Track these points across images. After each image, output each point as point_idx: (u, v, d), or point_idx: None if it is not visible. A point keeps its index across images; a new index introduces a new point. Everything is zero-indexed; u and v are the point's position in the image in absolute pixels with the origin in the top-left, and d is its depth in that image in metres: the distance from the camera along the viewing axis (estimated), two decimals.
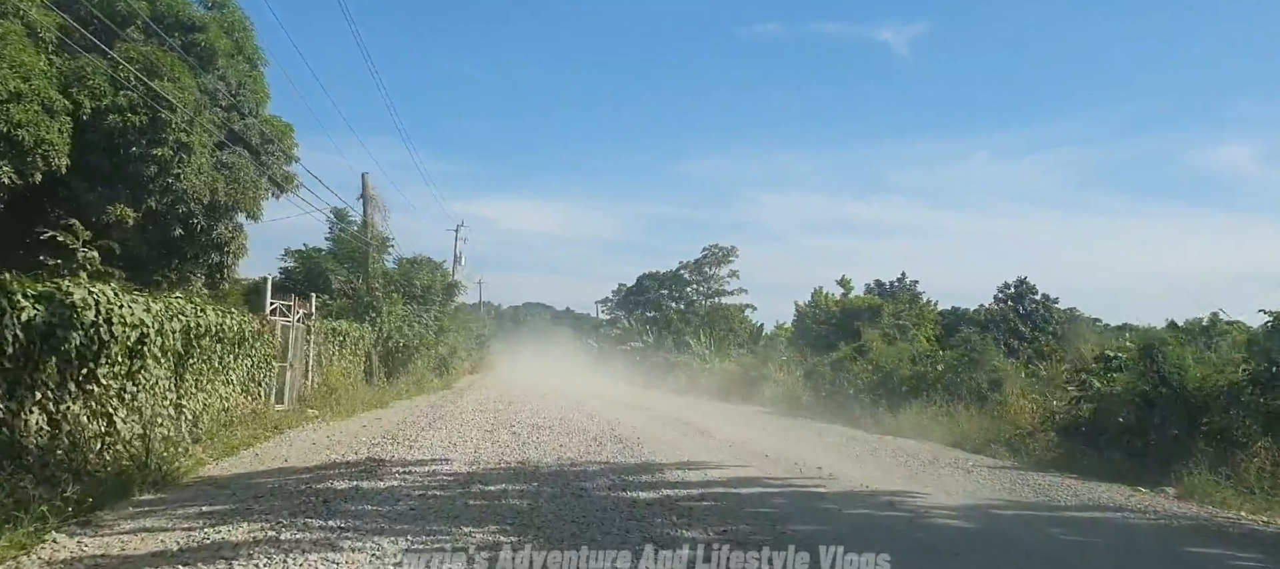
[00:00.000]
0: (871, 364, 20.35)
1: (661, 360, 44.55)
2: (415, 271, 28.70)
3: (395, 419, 16.72)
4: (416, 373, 27.76)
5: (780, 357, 30.67)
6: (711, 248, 62.73)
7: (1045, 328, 72.28)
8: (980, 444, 13.91)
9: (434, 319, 28.93)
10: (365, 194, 23.97)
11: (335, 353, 20.20)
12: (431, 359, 30.17)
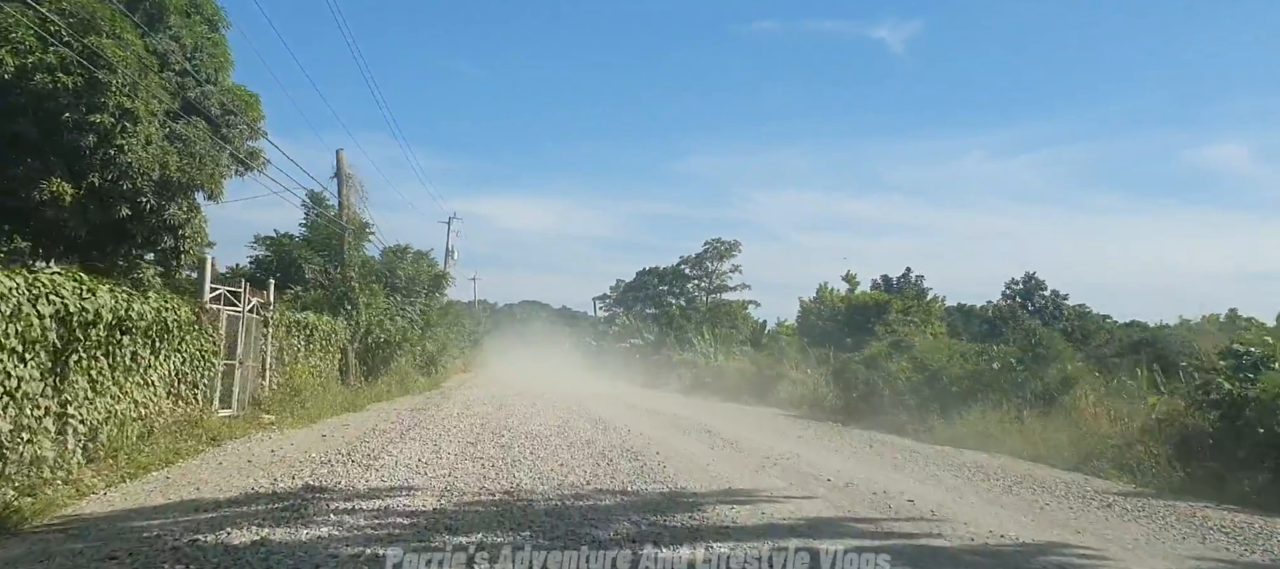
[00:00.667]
0: (912, 361, 17.66)
1: (663, 359, 41.87)
2: (399, 261, 25.96)
3: (364, 426, 14.03)
4: (400, 372, 25.05)
5: (792, 354, 27.95)
6: (713, 242, 60.12)
7: (1056, 324, 70.04)
8: (1073, 459, 11.24)
9: (420, 313, 26.20)
10: (339, 173, 21.23)
11: (301, 349, 17.48)
12: (417, 357, 27.45)
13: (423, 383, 27.47)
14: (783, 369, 25.49)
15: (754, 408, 22.63)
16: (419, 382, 26.99)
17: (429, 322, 28.02)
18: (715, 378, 31.59)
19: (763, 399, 24.77)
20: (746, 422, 17.06)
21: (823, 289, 61.40)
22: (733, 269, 60.06)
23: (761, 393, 25.24)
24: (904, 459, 11.29)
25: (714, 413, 19.34)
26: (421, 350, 29.89)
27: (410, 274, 25.78)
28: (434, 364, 30.78)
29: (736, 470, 9.28)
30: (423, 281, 26.76)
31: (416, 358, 29.02)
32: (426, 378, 29.92)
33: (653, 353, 47.68)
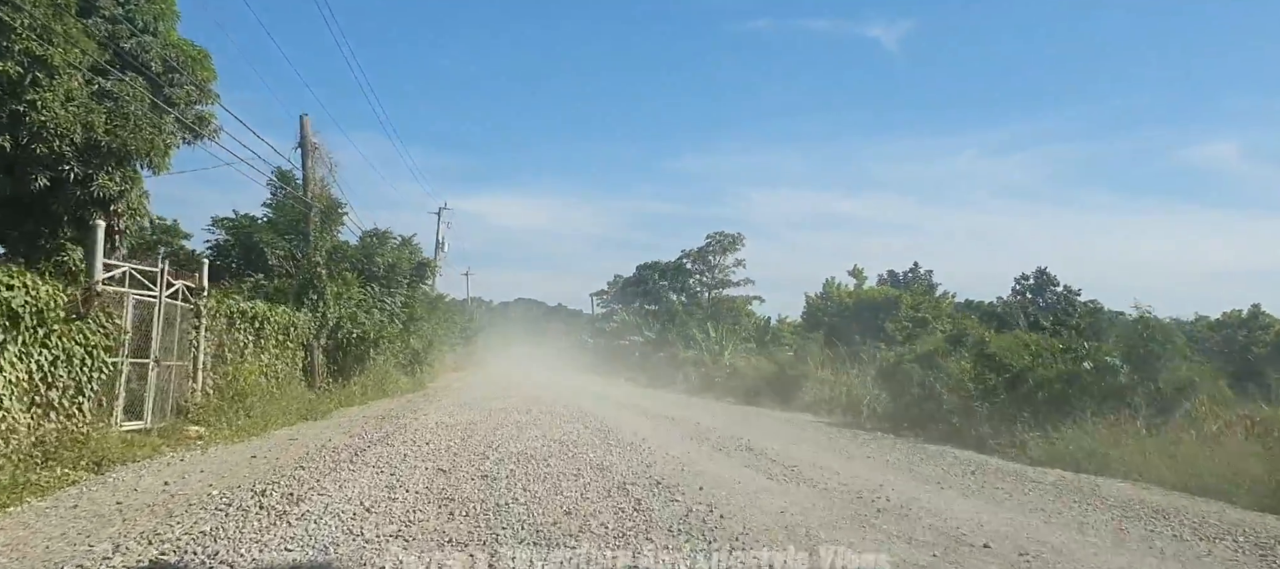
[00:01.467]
0: (982, 360, 14.61)
1: (668, 356, 38.79)
2: (377, 247, 22.79)
3: (313, 443, 10.95)
4: (378, 371, 21.92)
5: (815, 353, 24.86)
6: (716, 236, 56.95)
7: (1068, 321, 67.20)
8: (1257, 495, 8.16)
9: (402, 306, 23.06)
10: (303, 142, 18.05)
11: (248, 345, 14.34)
12: (398, 354, 24.31)
13: (404, 384, 24.35)
14: (806, 369, 22.44)
15: (781, 413, 19.57)
16: (400, 382, 23.87)
17: (413, 315, 24.87)
18: (727, 378, 28.52)
19: (786, 403, 21.71)
20: (785, 434, 13.98)
21: (829, 284, 58.46)
22: (736, 263, 57.00)
23: (784, 396, 22.18)
24: (1034, 494, 8.22)
25: (741, 421, 16.28)
26: (404, 347, 26.79)
27: (390, 262, 22.64)
28: (419, 362, 27.64)
29: (830, 522, 6.21)
30: (404, 271, 23.63)
31: (399, 356, 25.89)
32: (410, 378, 26.79)
33: (655, 351, 44.60)
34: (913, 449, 12.30)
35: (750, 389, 24.38)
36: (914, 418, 15.39)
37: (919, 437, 14.12)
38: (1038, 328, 65.61)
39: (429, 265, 26.03)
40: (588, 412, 17.43)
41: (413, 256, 25.30)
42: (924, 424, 14.85)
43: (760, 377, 24.45)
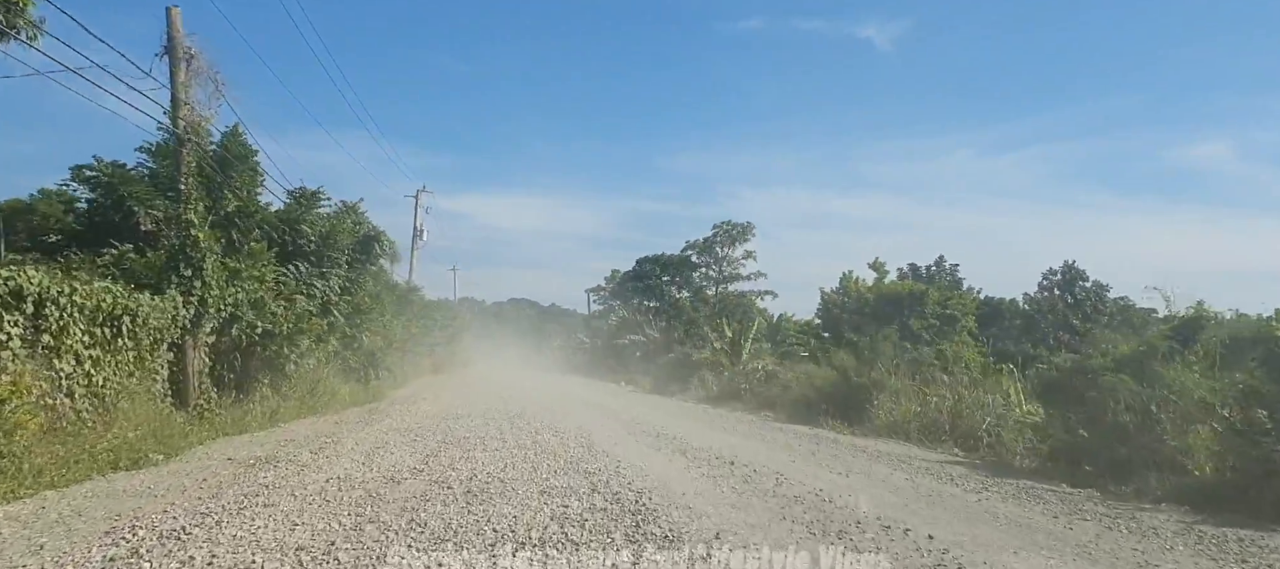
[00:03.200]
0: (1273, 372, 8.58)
1: (678, 359, 32.76)
2: (302, 212, 16.55)
3: None
4: (305, 379, 15.88)
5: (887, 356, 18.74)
6: (723, 226, 50.81)
7: (1098, 318, 61.42)
8: None
9: (340, 292, 16.97)
10: (171, 45, 11.89)
11: (15, 343, 8.26)
12: (336, 356, 18.23)
13: (349, 395, 18.27)
14: (878, 376, 16.37)
15: (864, 442, 13.53)
16: (340, 393, 17.78)
17: (359, 306, 18.78)
18: (758, 386, 22.47)
19: (854, 422, 15.73)
20: (937, 503, 7.93)
21: (847, 278, 52.56)
22: (746, 255, 50.88)
23: (849, 412, 16.18)
24: None
25: (837, 465, 10.21)
26: (349, 348, 20.70)
27: (323, 233, 16.49)
28: (374, 367, 21.50)
29: None
30: (344, 245, 17.46)
31: (345, 359, 19.80)
32: (361, 386, 20.71)
33: (661, 352, 38.58)
34: (1191, 533, 6.33)
35: (797, 402, 18.34)
36: (1094, 457, 9.41)
37: (1140, 497, 8.19)
38: (1069, 327, 59.86)
39: (379, 240, 19.80)
40: (592, 441, 11.45)
41: (357, 227, 19.14)
42: (1123, 473, 8.88)
43: (811, 385, 18.38)
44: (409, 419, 14.81)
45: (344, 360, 20.44)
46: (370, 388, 21.20)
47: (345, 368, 20.48)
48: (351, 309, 18.32)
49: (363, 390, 20.59)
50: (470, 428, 13.20)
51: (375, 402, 19.68)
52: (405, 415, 15.63)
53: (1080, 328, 58.60)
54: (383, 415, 15.66)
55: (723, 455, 10.30)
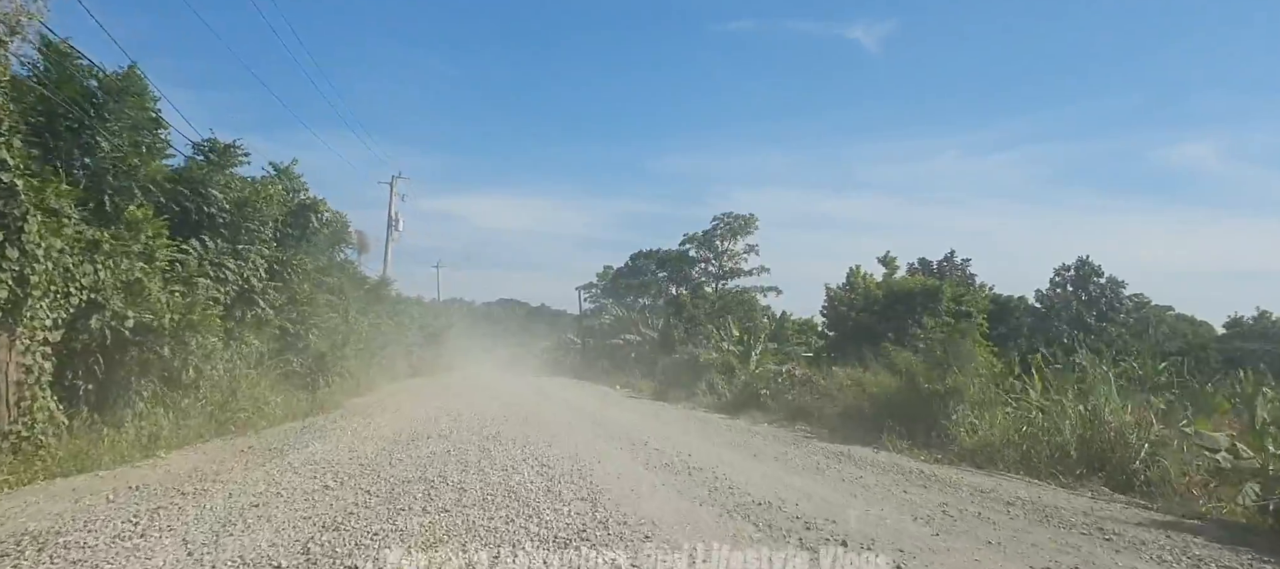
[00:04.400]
0: None
1: (682, 361, 28.89)
2: (210, 172, 12.30)
3: None
4: (219, 387, 11.95)
5: (982, 358, 14.91)
6: (724, 218, 46.92)
7: (1114, 317, 58.04)
8: None
9: (265, 275, 13.02)
10: None
11: None
12: (273, 357, 14.27)
13: (281, 407, 14.27)
14: (957, 381, 12.55)
15: (975, 479, 9.70)
16: (271, 405, 13.79)
17: (296, 296, 14.84)
18: (782, 391, 18.68)
19: (925, 443, 11.96)
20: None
21: (855, 273, 48.74)
22: (748, 249, 47.01)
23: (913, 428, 12.42)
24: None
25: (1001, 532, 6.42)
26: (304, 348, 16.84)
27: (239, 200, 12.47)
28: (324, 372, 17.51)
29: None
30: (269, 216, 13.37)
31: (284, 360, 15.88)
32: (307, 394, 16.75)
33: (660, 352, 34.75)
34: None
35: (843, 414, 14.52)
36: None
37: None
38: (1083, 324, 56.41)
39: (316, 209, 15.62)
40: (596, 488, 7.56)
41: (291, 195, 15.06)
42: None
43: (863, 392, 14.52)
44: (347, 443, 10.89)
45: (285, 363, 16.51)
46: (318, 397, 17.23)
47: (287, 373, 16.53)
48: (286, 299, 14.37)
49: (308, 400, 16.61)
50: (423, 459, 9.32)
51: (320, 415, 15.75)
52: (346, 437, 11.71)
53: (1094, 326, 55.39)
54: (317, 436, 11.74)
55: (808, 514, 6.48)
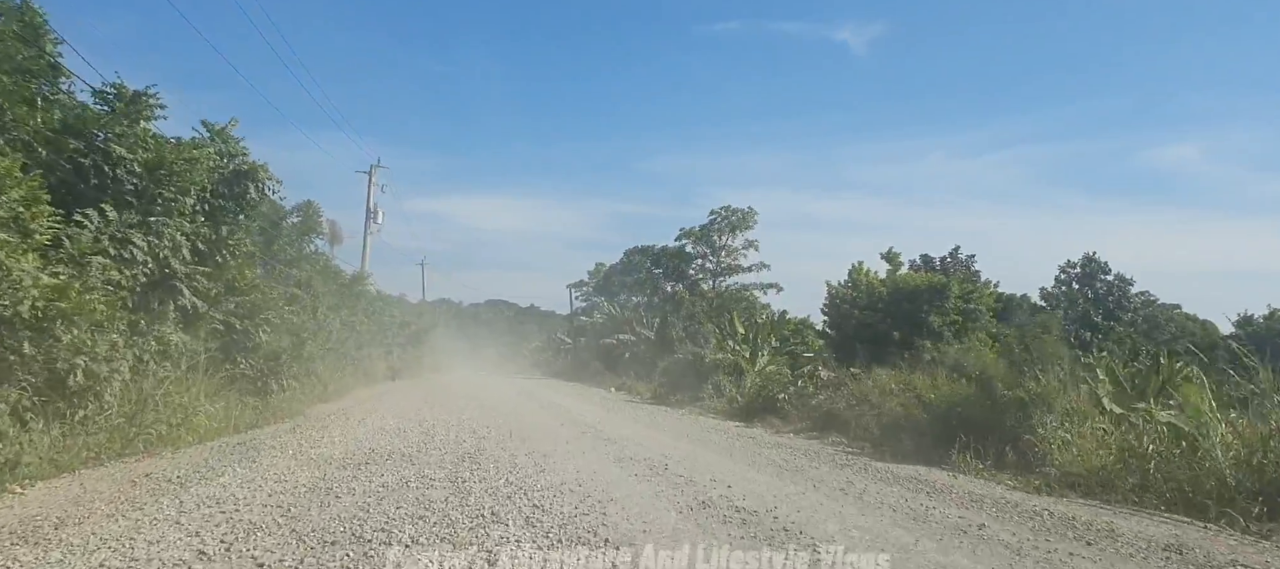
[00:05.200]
0: None
1: (686, 361, 26.34)
2: (113, 124, 9.63)
3: None
4: (128, 397, 9.38)
5: (1064, 358, 12.50)
6: (722, 212, 44.43)
7: (1121, 315, 56.10)
8: None
9: (188, 257, 10.42)
10: None
11: None
12: (210, 358, 11.67)
13: (218, 418, 11.69)
14: (1044, 388, 10.10)
15: (1095, 515, 7.29)
16: (200, 416, 11.19)
17: (238, 285, 12.26)
18: (804, 395, 16.25)
19: (1004, 465, 9.55)
20: None
21: (857, 270, 46.46)
22: (747, 245, 44.51)
23: (984, 443, 9.99)
24: None
25: None
26: (253, 347, 14.32)
27: (150, 163, 9.77)
28: (278, 375, 14.91)
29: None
30: (194, 183, 10.68)
31: (230, 360, 13.31)
32: (258, 401, 14.19)
33: (658, 352, 32.24)
34: None
35: (894, 425, 12.03)
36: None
37: None
38: (1090, 323, 54.33)
39: (255, 176, 12.92)
40: None
41: (227, 159, 12.40)
42: None
43: (917, 399, 12.04)
44: (279, 469, 8.32)
45: (232, 365, 13.91)
46: (271, 404, 14.64)
47: (233, 377, 13.93)
48: (223, 288, 11.79)
49: (259, 408, 14.02)
50: (370, 497, 6.79)
51: (269, 425, 13.17)
52: (283, 459, 9.13)
53: (1102, 324, 53.30)
54: (247, 457, 9.16)
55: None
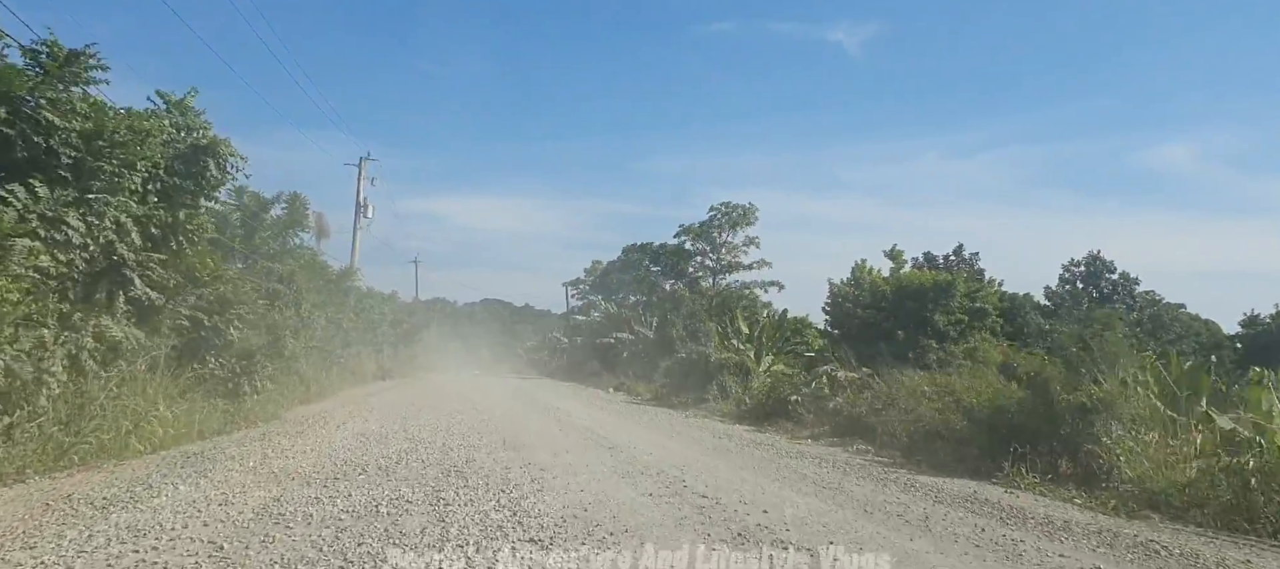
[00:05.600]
0: None
1: (689, 361, 25.05)
2: (43, 86, 8.32)
3: None
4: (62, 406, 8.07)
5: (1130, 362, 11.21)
6: (722, 208, 43.15)
7: (1127, 315, 54.91)
8: None
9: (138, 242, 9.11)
10: None
11: None
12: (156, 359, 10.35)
13: (172, 426, 10.36)
14: (1106, 392, 8.86)
15: (1215, 550, 6.04)
16: (156, 422, 9.87)
17: (198, 276, 10.95)
18: (828, 400, 15.01)
19: (1063, 479, 8.32)
20: None
21: (860, 268, 45.27)
22: (747, 242, 43.23)
23: (1037, 454, 8.75)
24: None
25: None
26: (225, 345, 13.05)
27: (89, 131, 8.41)
28: (251, 375, 13.58)
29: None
30: (143, 157, 9.32)
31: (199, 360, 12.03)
32: (230, 404, 12.89)
33: (658, 353, 30.97)
34: None
35: (935, 433, 10.75)
36: None
37: None
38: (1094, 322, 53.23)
39: (216, 151, 11.44)
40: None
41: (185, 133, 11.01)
42: None
43: (956, 404, 10.78)
44: (228, 488, 7.03)
45: (201, 365, 12.60)
46: (243, 407, 13.31)
47: (202, 377, 12.61)
48: (182, 277, 10.49)
49: (229, 411, 12.70)
50: (329, 527, 5.49)
51: (238, 431, 11.88)
52: (237, 474, 7.84)
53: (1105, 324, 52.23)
54: (199, 471, 7.86)
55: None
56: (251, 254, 21.20)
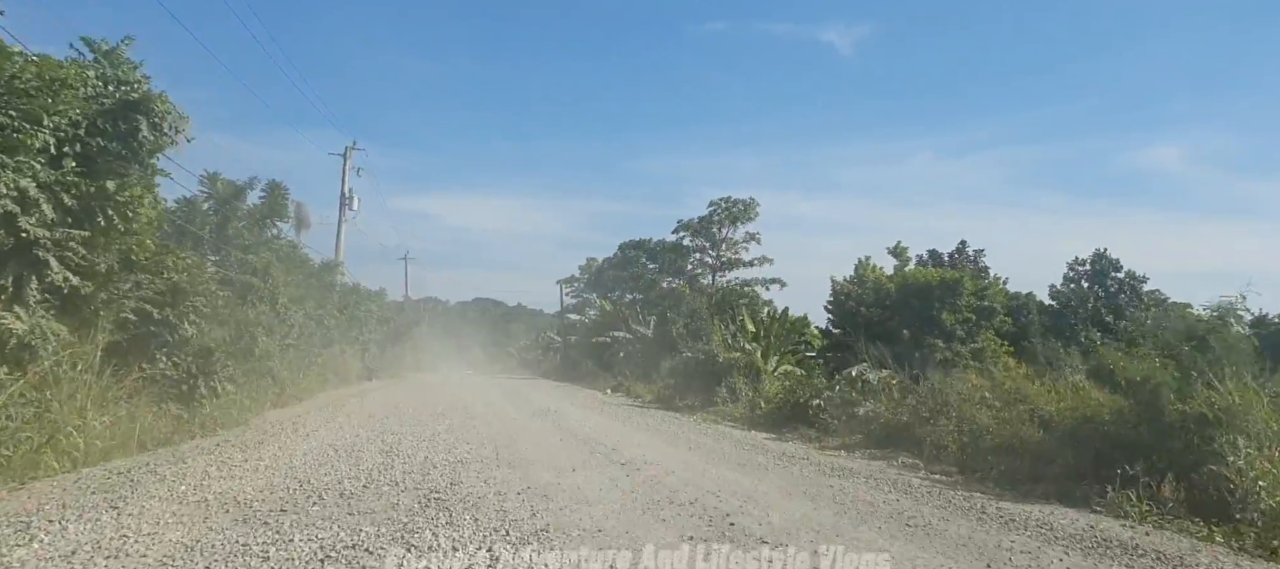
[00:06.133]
0: None
1: (695, 361, 23.32)
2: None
3: None
4: None
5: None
6: (722, 203, 41.48)
7: (1133, 315, 53.46)
8: None
9: (54, 215, 7.41)
10: None
11: None
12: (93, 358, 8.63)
13: (116, 436, 8.64)
14: (1227, 403, 7.29)
15: None
16: (79, 434, 8.15)
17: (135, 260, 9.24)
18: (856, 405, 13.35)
19: (1171, 511, 6.73)
20: None
21: (863, 266, 43.75)
22: (748, 238, 41.59)
23: (1130, 477, 7.13)
24: None
25: None
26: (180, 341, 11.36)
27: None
28: (210, 375, 11.84)
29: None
30: (50, 108, 7.62)
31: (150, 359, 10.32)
32: (183, 409, 11.15)
33: (657, 352, 29.26)
34: None
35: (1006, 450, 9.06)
36: None
37: None
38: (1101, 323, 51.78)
39: (149, 108, 9.70)
40: None
41: (114, 87, 9.23)
42: None
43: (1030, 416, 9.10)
44: (135, 531, 5.30)
45: (150, 365, 10.87)
46: (199, 412, 11.56)
47: (152, 378, 10.88)
48: (116, 260, 8.76)
49: (183, 418, 10.97)
50: None
51: (189, 440, 10.14)
52: (155, 506, 6.10)
53: (1113, 324, 50.85)
54: (106, 503, 6.12)
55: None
56: (224, 244, 19.47)
